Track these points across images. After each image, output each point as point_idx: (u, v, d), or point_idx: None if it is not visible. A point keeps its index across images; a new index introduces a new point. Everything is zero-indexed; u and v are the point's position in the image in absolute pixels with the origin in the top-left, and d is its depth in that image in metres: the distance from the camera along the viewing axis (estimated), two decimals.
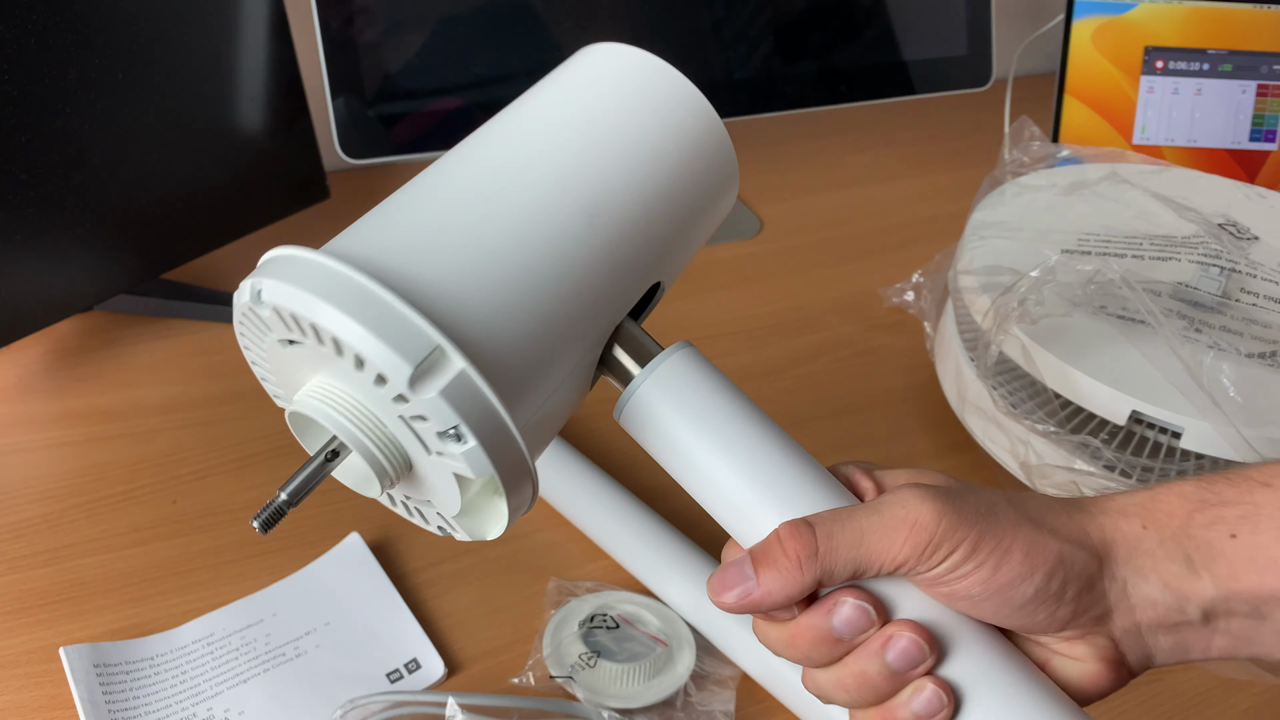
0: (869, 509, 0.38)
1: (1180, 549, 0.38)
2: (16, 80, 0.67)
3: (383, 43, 0.88)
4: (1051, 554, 0.37)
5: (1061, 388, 0.65)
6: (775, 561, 0.38)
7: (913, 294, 0.87)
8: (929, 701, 0.37)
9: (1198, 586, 0.38)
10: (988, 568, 0.37)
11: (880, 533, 0.37)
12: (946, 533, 0.37)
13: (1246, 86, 1.01)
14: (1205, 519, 0.38)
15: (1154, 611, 0.38)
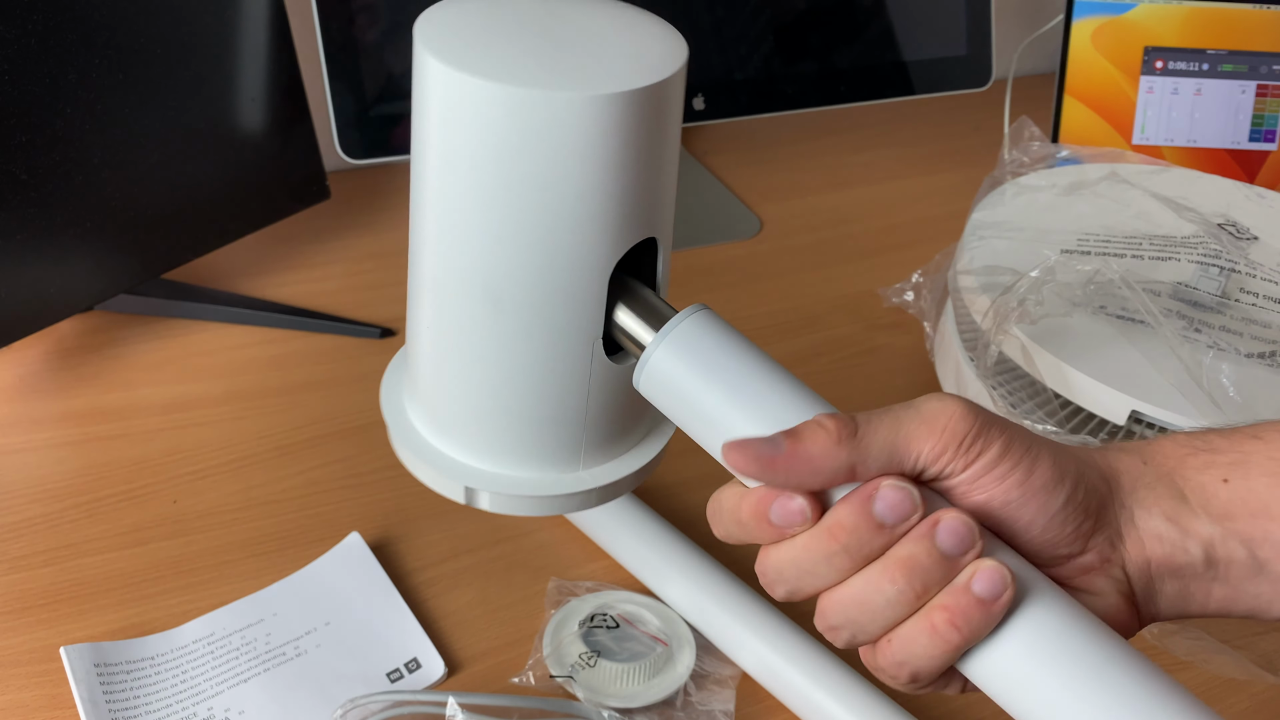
0: (906, 405, 0.38)
1: (1175, 485, 0.39)
2: (16, 80, 0.67)
3: (383, 43, 0.88)
4: (1074, 465, 0.38)
5: (1061, 388, 0.65)
6: (812, 435, 0.36)
7: (913, 294, 0.87)
8: (991, 580, 0.35)
9: (1196, 523, 0.39)
10: (1022, 469, 0.37)
11: (917, 424, 0.37)
12: (981, 429, 0.37)
13: (1246, 86, 1.01)
14: (1198, 463, 0.40)
15: (1160, 546, 0.39)
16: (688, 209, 1.02)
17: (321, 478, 0.70)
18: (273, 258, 0.91)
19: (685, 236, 0.98)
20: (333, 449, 0.72)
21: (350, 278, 0.90)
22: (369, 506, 0.68)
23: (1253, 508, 0.38)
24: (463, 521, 0.67)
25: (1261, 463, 0.39)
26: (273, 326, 0.83)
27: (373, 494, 0.69)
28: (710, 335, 0.40)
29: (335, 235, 0.95)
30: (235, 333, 0.82)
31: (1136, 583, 0.40)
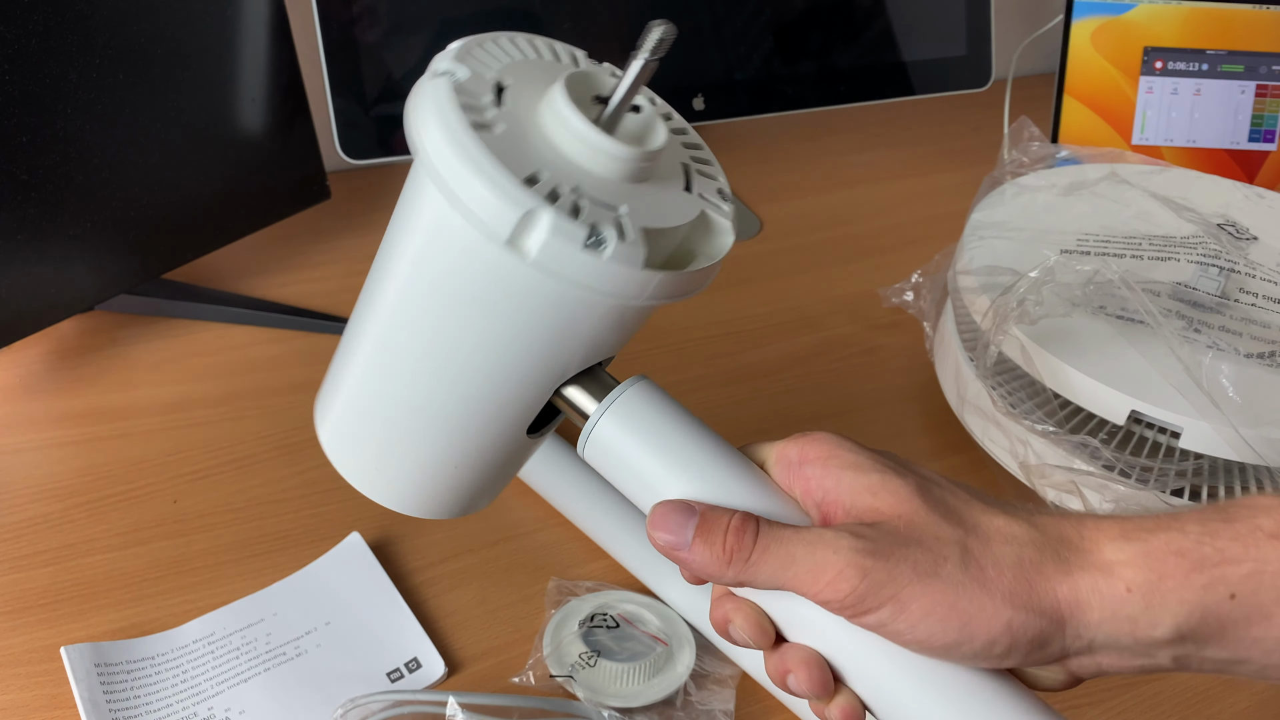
0: (808, 540, 0.38)
1: (1170, 616, 0.36)
2: (17, 80, 0.67)
3: (383, 43, 0.88)
4: (998, 623, 0.36)
5: (1061, 388, 0.65)
6: (712, 543, 0.39)
7: (912, 294, 0.87)
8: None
9: (1176, 646, 0.37)
10: (921, 630, 0.36)
11: (807, 569, 0.37)
12: (870, 590, 0.36)
13: (1246, 87, 1.01)
14: (1203, 580, 0.36)
15: (1120, 659, 0.38)
16: None
17: (321, 478, 0.70)
18: (273, 258, 0.91)
19: None
20: None
21: (350, 278, 0.90)
22: (369, 506, 0.67)
23: (1253, 620, 0.36)
24: (463, 521, 0.67)
25: (1276, 571, 0.36)
26: (273, 326, 0.83)
27: None
28: (649, 405, 0.41)
29: (335, 235, 0.95)
30: (235, 333, 0.82)
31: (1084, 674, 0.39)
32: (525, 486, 0.69)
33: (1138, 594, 0.36)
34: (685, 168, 0.43)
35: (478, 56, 0.41)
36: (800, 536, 0.38)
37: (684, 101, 0.98)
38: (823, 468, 0.40)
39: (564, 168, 0.38)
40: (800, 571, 0.38)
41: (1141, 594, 0.36)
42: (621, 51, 0.43)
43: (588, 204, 0.37)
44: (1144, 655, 0.37)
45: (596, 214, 0.37)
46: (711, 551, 0.39)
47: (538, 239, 0.36)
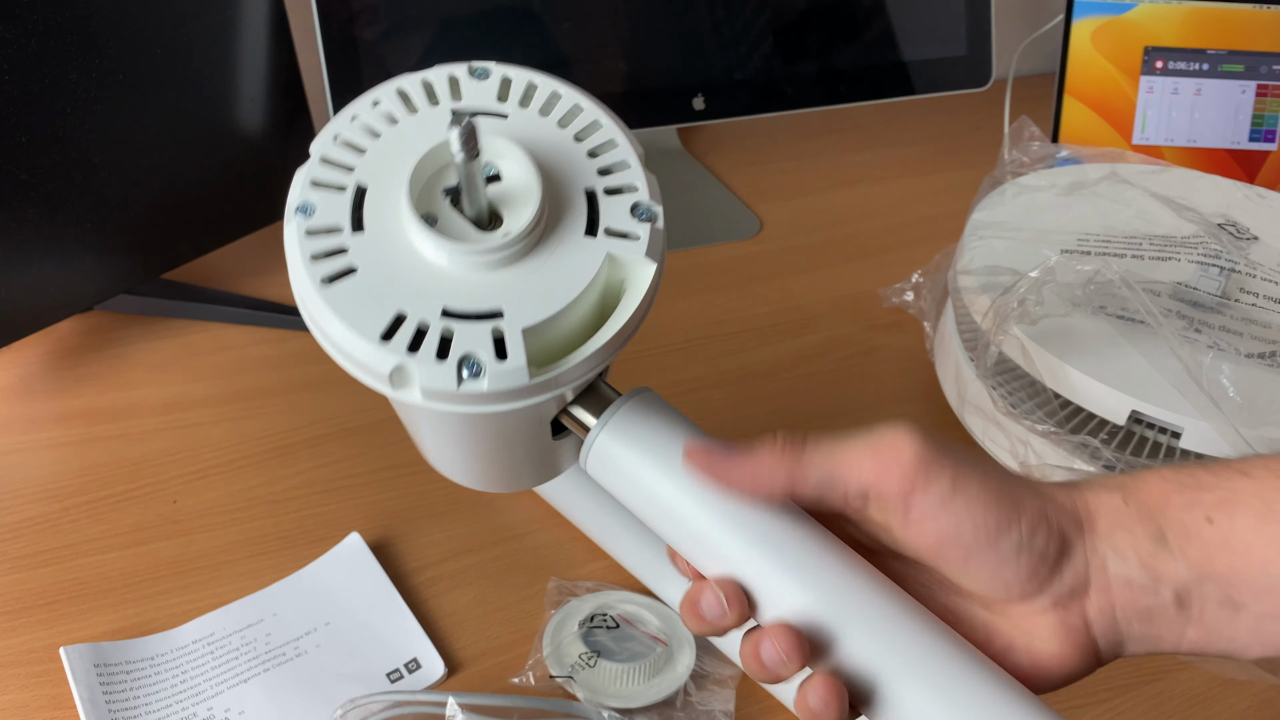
0: (862, 432, 0.38)
1: (1156, 525, 0.38)
2: (17, 80, 0.67)
3: (383, 42, 0.88)
4: (1036, 508, 0.38)
5: (1061, 388, 0.65)
6: (759, 447, 0.38)
7: (912, 294, 0.87)
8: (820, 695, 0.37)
9: (1172, 566, 0.38)
10: (969, 511, 0.37)
11: (862, 451, 0.37)
12: (926, 465, 0.37)
13: (1246, 86, 1.01)
14: (1183, 501, 0.38)
15: (1129, 592, 0.38)
16: (688, 209, 1.02)
17: (321, 478, 0.70)
18: (273, 258, 0.91)
19: (685, 236, 0.98)
20: (333, 449, 0.72)
21: None
22: (369, 506, 0.68)
23: (1234, 548, 0.37)
24: (463, 521, 0.67)
25: (1248, 500, 0.38)
26: (273, 326, 0.83)
27: (373, 494, 0.69)
28: (649, 417, 0.41)
29: None
30: (235, 333, 0.82)
31: (1098, 627, 0.39)
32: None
33: (1131, 504, 0.39)
34: (589, 195, 0.38)
35: (336, 160, 0.39)
36: (854, 433, 0.38)
37: (684, 101, 0.98)
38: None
39: (431, 285, 0.36)
40: (857, 454, 0.37)
41: (1134, 507, 0.39)
42: (622, 51, 0.43)
43: (458, 328, 0.36)
44: (1149, 590, 0.38)
45: (468, 338, 0.36)
46: (761, 453, 0.38)
47: (415, 387, 0.36)
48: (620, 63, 0.96)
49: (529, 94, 0.39)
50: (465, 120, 0.34)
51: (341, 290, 0.36)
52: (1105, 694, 0.60)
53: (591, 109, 0.40)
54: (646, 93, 0.98)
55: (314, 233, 0.37)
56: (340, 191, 0.38)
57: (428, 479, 0.70)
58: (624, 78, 0.97)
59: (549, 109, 0.39)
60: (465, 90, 0.39)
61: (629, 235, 0.38)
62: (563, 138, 0.39)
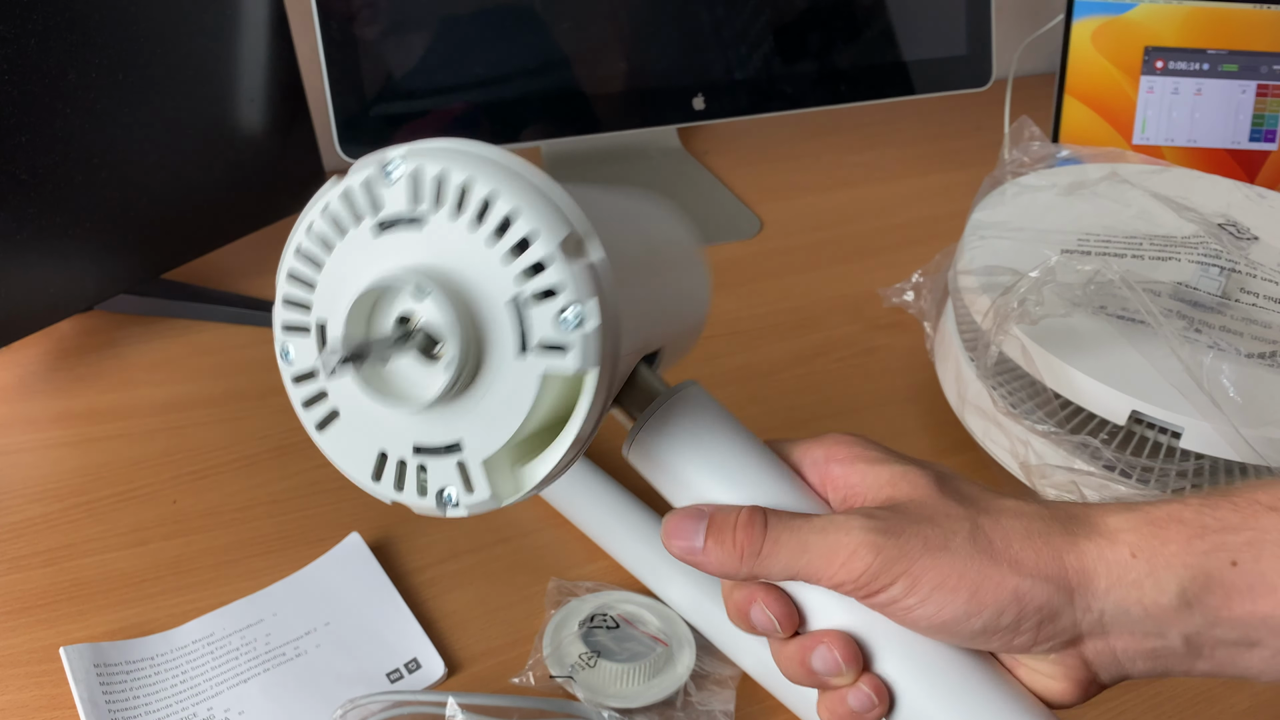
0: (819, 526, 0.39)
1: (1174, 579, 0.37)
2: (16, 80, 0.67)
3: (383, 42, 0.88)
4: (1005, 591, 0.37)
5: (1061, 388, 0.65)
6: (722, 541, 0.40)
7: (913, 294, 0.87)
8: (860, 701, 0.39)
9: (1184, 616, 0.37)
10: (931, 604, 0.37)
11: (820, 553, 0.38)
12: (883, 567, 0.37)
13: (1246, 86, 1.01)
14: (1205, 545, 0.37)
15: (1132, 639, 0.38)
16: (688, 209, 1.02)
17: (321, 478, 0.70)
18: (273, 258, 0.90)
19: None
20: None
21: None
22: (369, 506, 0.68)
23: (1258, 591, 0.36)
24: (463, 521, 0.67)
25: (1276, 540, 0.36)
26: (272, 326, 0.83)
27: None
28: (694, 412, 0.42)
29: None
30: (235, 333, 0.82)
31: (1097, 664, 0.39)
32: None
33: (1142, 559, 0.37)
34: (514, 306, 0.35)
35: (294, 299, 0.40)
36: (811, 523, 0.39)
37: (684, 101, 0.98)
38: (848, 465, 0.41)
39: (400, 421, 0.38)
40: (814, 556, 0.38)
41: (1145, 558, 0.37)
42: (622, 51, 0.43)
43: (429, 462, 0.38)
44: (1155, 634, 0.37)
45: (439, 472, 0.38)
46: (723, 549, 0.39)
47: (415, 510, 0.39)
48: (620, 62, 0.96)
49: (440, 190, 0.36)
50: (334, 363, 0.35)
51: (333, 434, 0.39)
52: (1105, 694, 0.59)
53: (509, 193, 0.35)
54: (646, 93, 0.98)
55: (298, 379, 0.39)
56: (305, 333, 0.39)
57: None
58: (624, 78, 0.97)
59: (461, 205, 0.36)
60: (382, 196, 0.37)
61: (560, 347, 0.35)
62: (477, 241, 0.35)
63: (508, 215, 0.35)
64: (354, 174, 0.38)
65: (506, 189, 0.35)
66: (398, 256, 0.37)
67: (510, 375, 0.36)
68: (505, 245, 0.35)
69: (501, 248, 0.35)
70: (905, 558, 0.37)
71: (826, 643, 0.39)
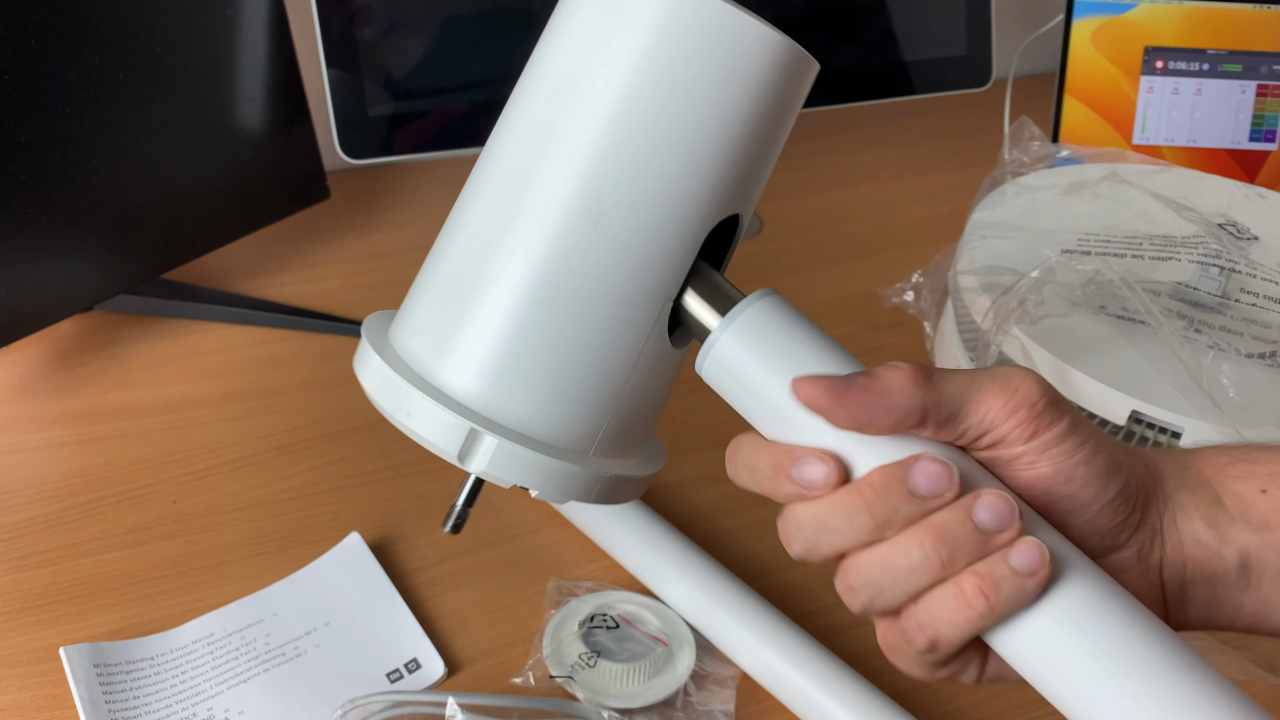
0: (983, 369, 0.38)
1: (1213, 492, 0.40)
2: (17, 80, 0.67)
3: (383, 42, 0.88)
4: (1126, 458, 0.39)
5: (1061, 388, 0.65)
6: (889, 374, 0.36)
7: (913, 294, 0.87)
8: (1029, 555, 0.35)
9: (1234, 529, 0.39)
10: (1085, 450, 0.37)
11: (992, 383, 0.37)
12: (1051, 402, 0.37)
13: (1246, 86, 1.01)
14: (1238, 472, 0.40)
15: (1197, 550, 0.39)
16: None
17: (321, 478, 0.70)
18: (273, 258, 0.91)
19: None
20: (333, 449, 0.72)
21: (350, 278, 0.90)
22: (369, 506, 0.68)
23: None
24: None
25: None
26: (273, 326, 0.83)
27: (373, 494, 0.69)
28: (777, 321, 0.39)
29: (335, 235, 0.95)
30: (235, 333, 0.82)
31: (1170, 586, 0.40)
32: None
33: (1193, 471, 0.41)
34: None
35: None
36: (974, 369, 0.38)
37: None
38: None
39: None
40: (988, 385, 0.37)
41: (1194, 471, 0.41)
42: None
43: None
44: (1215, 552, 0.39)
45: None
46: (892, 377, 0.36)
47: None
48: None
49: None
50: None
51: None
52: None
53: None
54: None
55: None
56: None
57: (428, 479, 0.70)
58: None
59: None
60: None
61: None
62: None
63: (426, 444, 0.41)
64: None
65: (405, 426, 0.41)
66: None
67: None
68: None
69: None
70: (1066, 405, 0.38)
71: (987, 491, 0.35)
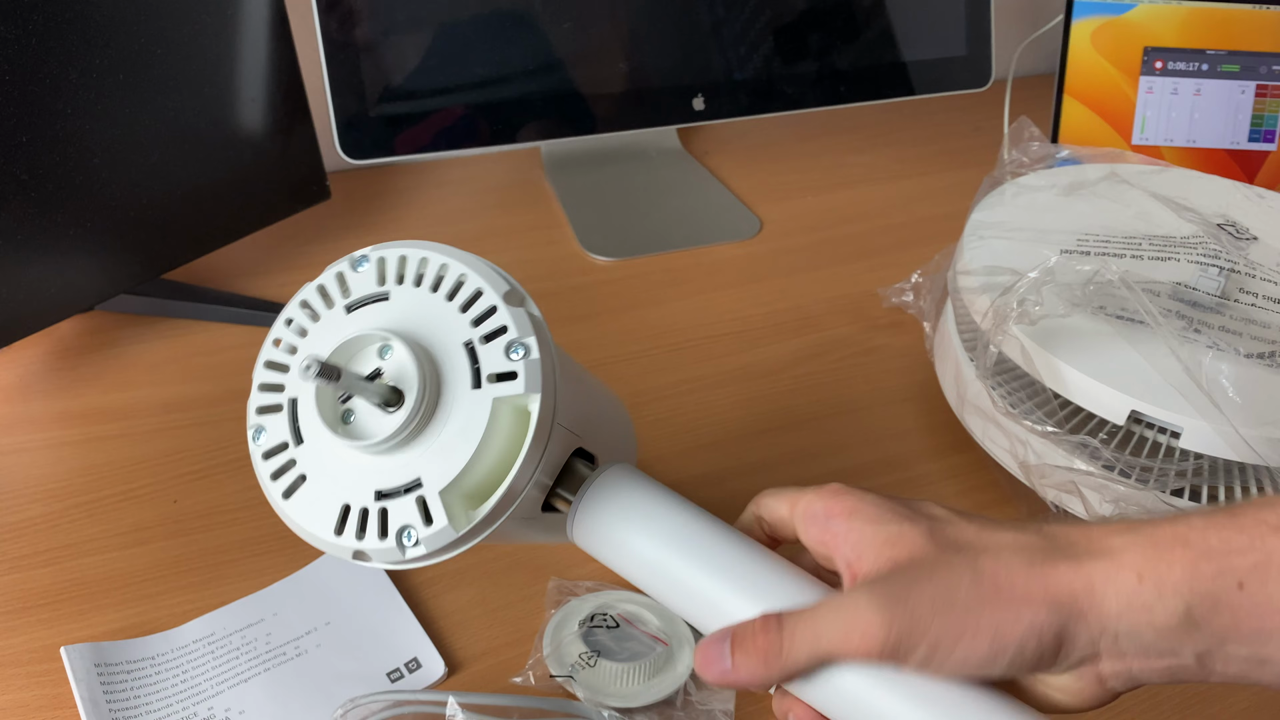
0: (828, 608, 0.41)
1: (1181, 601, 0.37)
2: (17, 80, 0.68)
3: (383, 43, 0.88)
4: (1020, 626, 0.38)
5: (1060, 388, 0.65)
6: (748, 652, 0.42)
7: (912, 294, 0.87)
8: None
9: (1195, 637, 0.37)
10: (957, 656, 0.38)
11: (837, 634, 0.40)
12: (901, 637, 0.38)
13: (1245, 87, 1.01)
14: (1211, 570, 0.37)
15: (1146, 659, 0.38)
16: (688, 209, 1.02)
17: None
18: (273, 258, 0.91)
19: (685, 236, 0.98)
20: None
21: None
22: None
23: (1266, 613, 0.37)
24: None
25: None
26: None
27: None
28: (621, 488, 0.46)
29: (335, 235, 0.95)
30: (235, 333, 0.82)
31: (1114, 680, 0.39)
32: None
33: (1148, 583, 0.37)
34: (469, 349, 0.43)
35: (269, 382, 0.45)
36: (819, 611, 0.41)
37: (684, 102, 0.98)
38: (848, 522, 0.42)
39: (362, 473, 0.43)
40: (833, 639, 0.40)
41: (1152, 583, 0.37)
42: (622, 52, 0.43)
43: (390, 504, 0.42)
44: (1169, 654, 0.38)
45: (400, 512, 0.42)
46: (751, 660, 0.41)
47: (374, 560, 0.43)
48: (620, 63, 0.97)
49: (401, 269, 0.44)
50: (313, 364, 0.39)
51: (299, 499, 0.44)
52: None
53: (456, 266, 0.44)
54: (646, 93, 0.98)
55: (268, 454, 0.44)
56: (279, 411, 0.45)
57: None
58: (624, 78, 0.97)
59: (420, 278, 0.44)
60: (352, 283, 0.45)
61: (509, 375, 0.42)
62: (435, 301, 0.44)
63: (459, 278, 0.44)
64: (326, 272, 0.45)
65: (456, 262, 0.44)
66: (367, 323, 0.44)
67: (465, 406, 0.42)
68: (458, 301, 0.43)
69: (455, 303, 0.43)
70: (918, 623, 0.38)
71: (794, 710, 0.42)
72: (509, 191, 1.05)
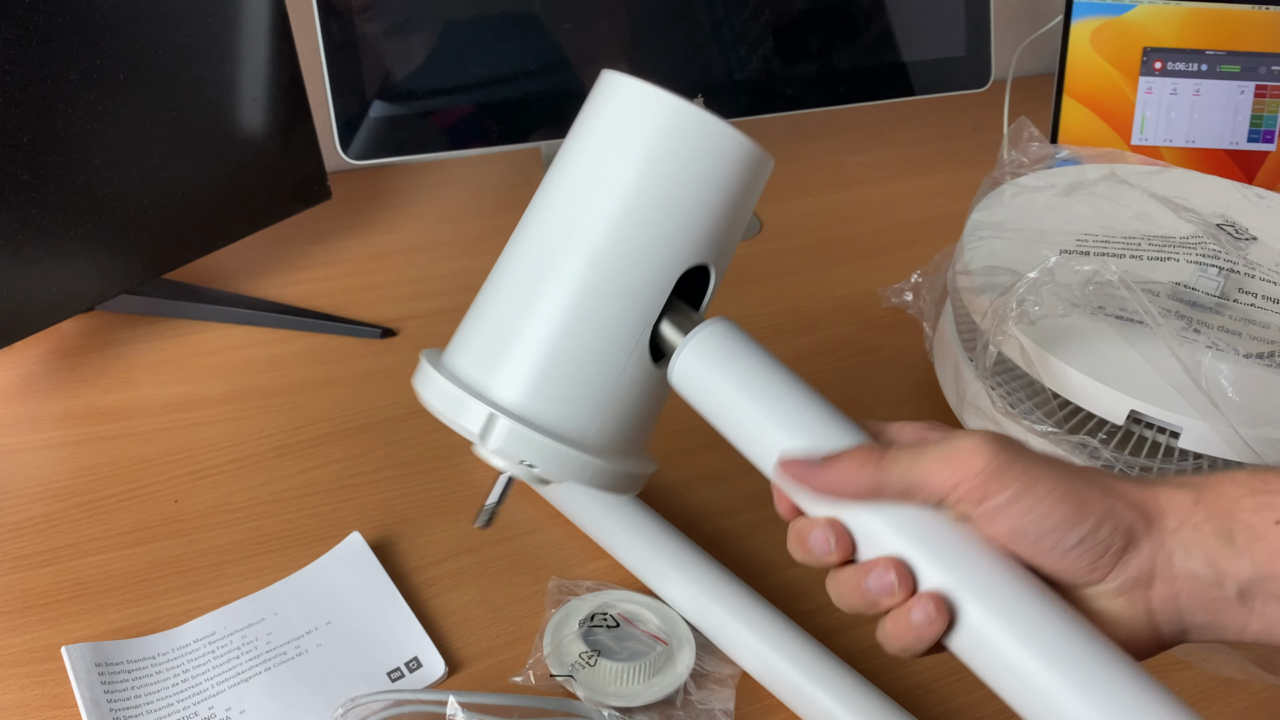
0: (935, 442, 0.42)
1: (1225, 525, 0.40)
2: (18, 80, 0.68)
3: (384, 42, 0.88)
4: (1101, 506, 0.40)
5: (1060, 388, 0.65)
6: (843, 459, 0.43)
7: (912, 294, 0.87)
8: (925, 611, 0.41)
9: (1237, 564, 0.40)
10: (1038, 509, 0.40)
11: (937, 460, 0.41)
12: (998, 469, 0.40)
13: (1245, 87, 1.01)
14: (1253, 504, 0.40)
15: (1193, 585, 0.40)
16: None
17: (321, 478, 0.70)
18: (273, 258, 0.91)
19: None
20: (333, 449, 0.72)
21: (350, 278, 0.90)
22: (369, 506, 0.68)
23: None
24: (463, 521, 0.67)
25: None
26: (273, 326, 0.83)
27: (373, 494, 0.69)
28: (725, 340, 0.48)
29: (335, 235, 0.95)
30: (235, 333, 0.82)
31: (1161, 615, 0.41)
32: (527, 486, 0.69)
33: (1202, 506, 0.41)
34: None
35: None
36: (928, 443, 0.42)
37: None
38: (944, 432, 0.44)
39: None
40: (933, 462, 0.41)
41: (1204, 506, 0.41)
42: (622, 52, 0.43)
43: None
44: (1214, 583, 0.40)
45: None
46: (846, 464, 0.42)
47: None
48: (620, 64, 0.96)
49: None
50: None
51: None
52: None
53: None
54: None
55: None
56: None
57: (428, 479, 0.70)
58: None
59: None
60: None
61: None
62: None
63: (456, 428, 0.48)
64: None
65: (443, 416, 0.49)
66: None
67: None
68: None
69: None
70: (1018, 465, 0.40)
71: (881, 566, 0.42)
72: (509, 191, 1.05)
